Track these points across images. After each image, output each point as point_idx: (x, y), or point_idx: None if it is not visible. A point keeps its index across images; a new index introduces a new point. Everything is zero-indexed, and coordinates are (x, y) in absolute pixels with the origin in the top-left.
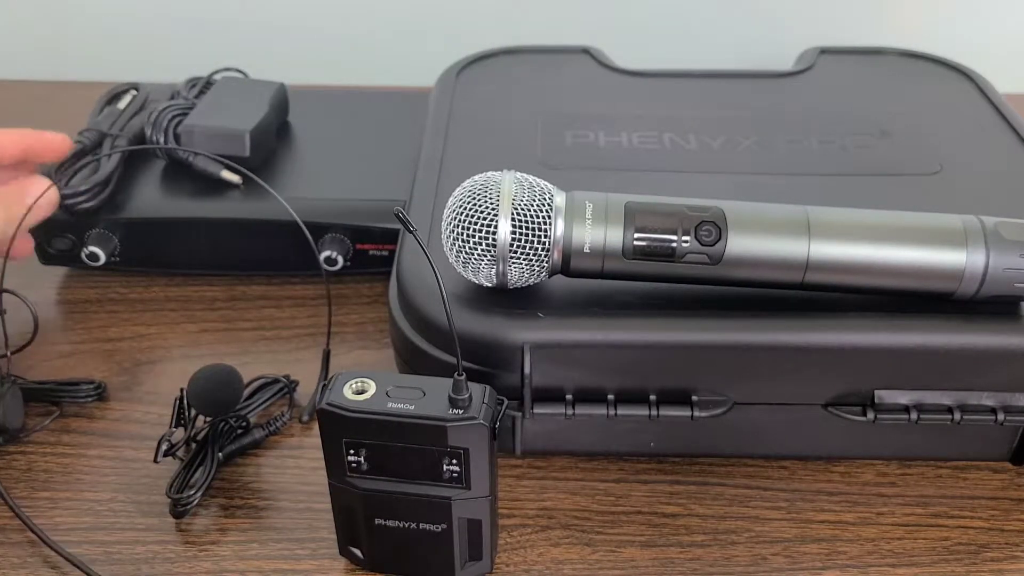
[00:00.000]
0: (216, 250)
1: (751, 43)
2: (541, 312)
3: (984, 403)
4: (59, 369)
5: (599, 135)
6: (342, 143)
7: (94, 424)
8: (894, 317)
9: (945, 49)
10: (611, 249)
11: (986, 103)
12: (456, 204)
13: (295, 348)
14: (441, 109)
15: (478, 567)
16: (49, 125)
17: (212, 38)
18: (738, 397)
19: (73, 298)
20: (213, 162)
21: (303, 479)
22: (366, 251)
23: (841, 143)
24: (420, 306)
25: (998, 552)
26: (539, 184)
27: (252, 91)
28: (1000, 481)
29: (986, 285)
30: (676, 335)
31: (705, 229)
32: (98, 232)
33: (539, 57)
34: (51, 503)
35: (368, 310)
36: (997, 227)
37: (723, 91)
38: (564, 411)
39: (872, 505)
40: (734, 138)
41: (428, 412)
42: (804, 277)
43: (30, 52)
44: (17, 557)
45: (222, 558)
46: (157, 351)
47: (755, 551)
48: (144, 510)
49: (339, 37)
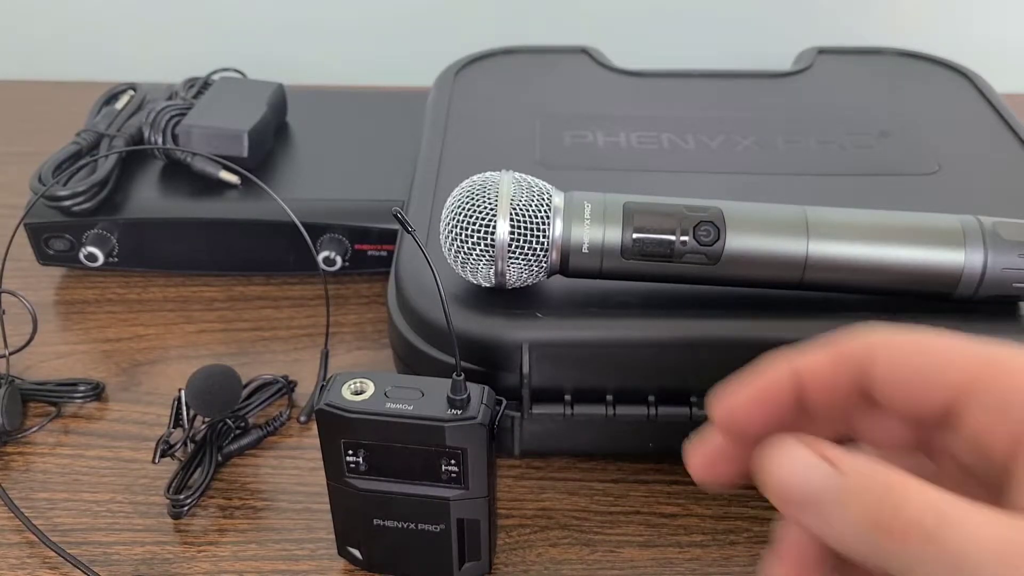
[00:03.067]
0: (214, 250)
1: (749, 43)
2: (540, 312)
3: None
4: (57, 369)
5: (597, 135)
6: (340, 143)
7: (92, 425)
8: (893, 317)
9: (944, 49)
10: (609, 249)
11: (985, 103)
12: (454, 204)
13: (293, 348)
14: (439, 109)
15: (477, 567)
16: (49, 125)
17: (210, 38)
18: None
19: (71, 298)
20: (211, 162)
21: (302, 480)
22: (364, 251)
23: (840, 143)
24: (418, 306)
25: None
26: (537, 184)
27: (250, 91)
28: None
29: (984, 285)
30: (675, 335)
31: (704, 229)
32: (96, 233)
33: (537, 57)
34: (49, 503)
35: (367, 310)
36: (995, 227)
37: (721, 91)
38: (563, 411)
39: None
40: (732, 138)
41: (426, 412)
42: (803, 277)
43: (30, 52)
44: (16, 558)
45: (220, 559)
46: (155, 351)
47: (755, 551)
48: (142, 511)
49: (337, 37)
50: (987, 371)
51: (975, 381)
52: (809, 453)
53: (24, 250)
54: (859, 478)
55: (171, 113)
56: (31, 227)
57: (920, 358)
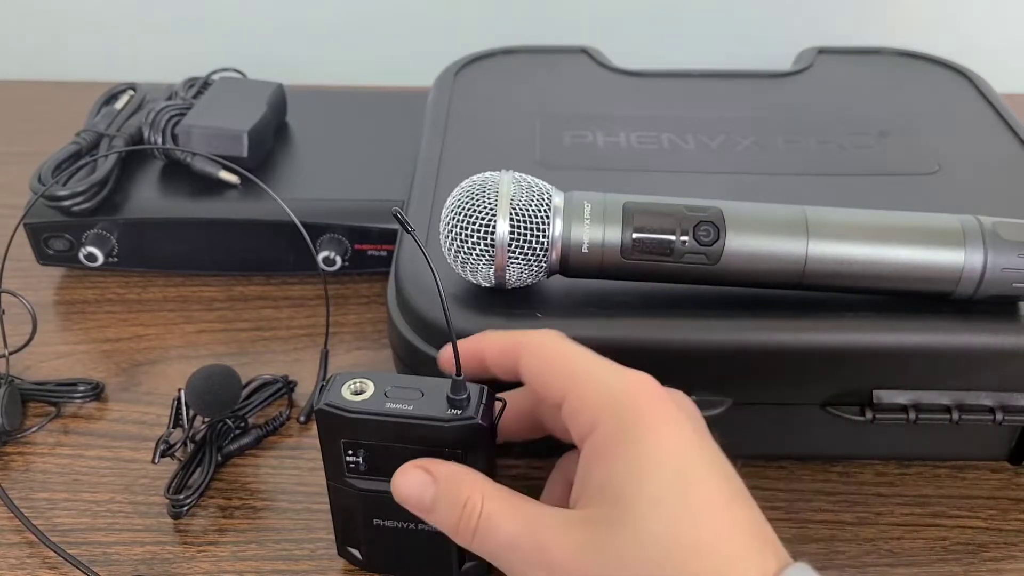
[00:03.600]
0: (214, 250)
1: (749, 43)
2: (539, 312)
3: (982, 403)
4: (57, 369)
5: (597, 135)
6: (340, 143)
7: (92, 425)
8: (892, 317)
9: (944, 49)
10: (609, 249)
11: (984, 103)
12: (454, 204)
13: (293, 348)
14: (439, 109)
15: (477, 568)
16: (49, 125)
17: (210, 38)
18: (737, 397)
19: (71, 298)
20: (211, 162)
21: (301, 480)
22: (364, 251)
23: (839, 143)
24: (418, 306)
25: (996, 552)
26: (537, 184)
27: (250, 91)
28: (998, 481)
29: (984, 285)
30: (674, 335)
31: (703, 229)
32: (96, 233)
33: (537, 57)
34: (49, 503)
35: (366, 310)
36: (995, 227)
37: (721, 91)
38: None
39: (870, 505)
40: (732, 138)
41: (426, 412)
42: (802, 277)
43: (30, 52)
44: (15, 558)
45: (220, 559)
46: (155, 351)
47: None
48: (142, 511)
49: (337, 37)
50: (573, 384)
51: (567, 389)
52: (418, 472)
53: (24, 250)
54: (445, 485)
55: (171, 113)
56: (31, 227)
57: (542, 363)
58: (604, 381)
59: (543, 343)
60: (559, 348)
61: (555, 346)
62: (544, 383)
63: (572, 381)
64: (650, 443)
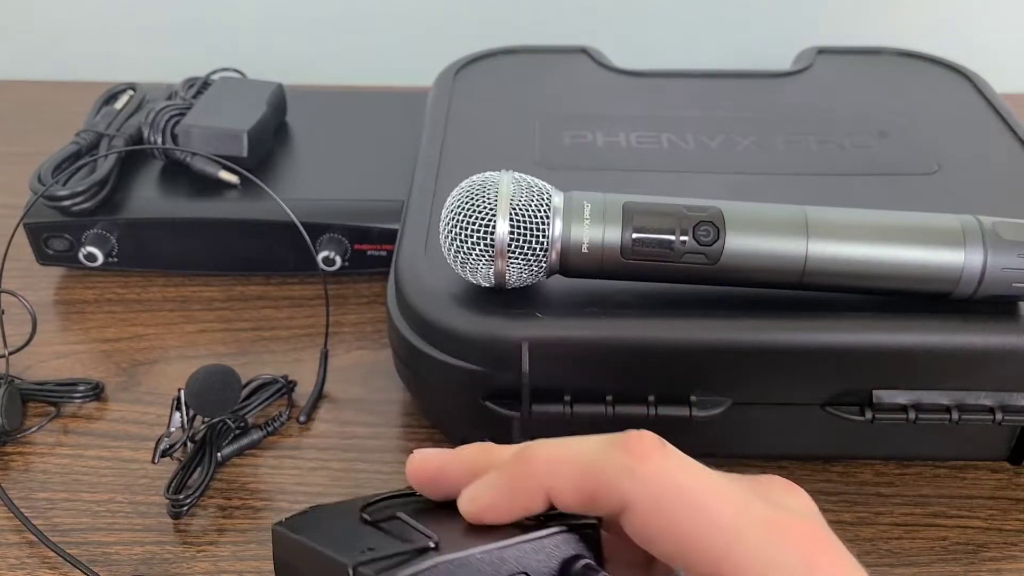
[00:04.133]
0: (214, 250)
1: (749, 43)
2: (539, 312)
3: (982, 403)
4: (57, 369)
5: (597, 135)
6: (340, 143)
7: (92, 425)
8: (892, 317)
9: (943, 49)
10: (609, 249)
11: (984, 103)
12: (454, 204)
13: (293, 348)
14: (439, 109)
15: None
16: (49, 125)
17: (210, 38)
18: (736, 397)
19: (71, 298)
20: (211, 162)
21: (301, 480)
22: (364, 251)
23: (839, 143)
24: (418, 306)
25: (996, 552)
26: (537, 184)
27: (250, 91)
28: (998, 481)
29: (984, 285)
30: (674, 335)
31: (703, 229)
32: (95, 232)
33: (537, 57)
34: (49, 503)
35: (366, 310)
36: (995, 227)
37: (721, 91)
38: (563, 411)
39: (870, 505)
40: (732, 138)
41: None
42: (802, 277)
43: (30, 52)
44: (15, 558)
45: (220, 558)
46: (155, 351)
47: None
48: (142, 511)
49: (336, 37)
50: (725, 562)
51: (718, 567)
52: None
53: (24, 250)
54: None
55: (171, 113)
56: (31, 227)
57: (674, 529)
58: (765, 550)
59: (660, 494)
60: (691, 512)
61: (684, 505)
62: (673, 554)
63: (725, 559)
64: None
